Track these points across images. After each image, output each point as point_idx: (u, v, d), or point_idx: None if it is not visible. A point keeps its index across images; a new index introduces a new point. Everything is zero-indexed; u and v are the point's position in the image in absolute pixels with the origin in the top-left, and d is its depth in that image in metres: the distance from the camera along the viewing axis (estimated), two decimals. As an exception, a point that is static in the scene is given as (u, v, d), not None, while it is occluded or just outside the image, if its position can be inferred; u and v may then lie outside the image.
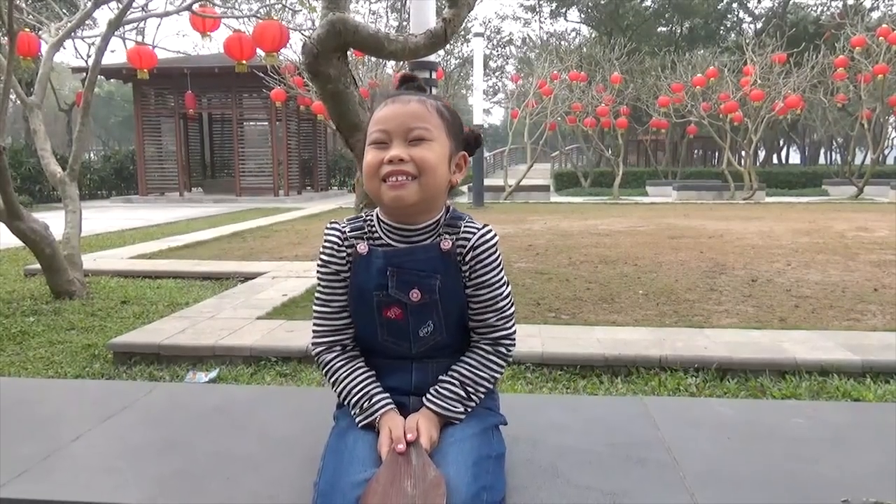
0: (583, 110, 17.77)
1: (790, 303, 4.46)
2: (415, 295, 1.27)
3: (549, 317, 4.07)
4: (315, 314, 1.37)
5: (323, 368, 1.37)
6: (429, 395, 1.30)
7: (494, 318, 1.32)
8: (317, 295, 1.37)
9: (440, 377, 1.32)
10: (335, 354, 1.35)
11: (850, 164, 20.07)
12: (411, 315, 1.29)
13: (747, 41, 17.08)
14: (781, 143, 34.83)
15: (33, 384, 2.42)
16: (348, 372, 1.33)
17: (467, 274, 1.30)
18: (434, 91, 3.73)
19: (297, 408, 1.77)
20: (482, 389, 1.32)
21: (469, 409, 1.30)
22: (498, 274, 1.32)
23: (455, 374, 1.31)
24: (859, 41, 14.74)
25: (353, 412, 1.31)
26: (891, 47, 14.58)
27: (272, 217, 11.64)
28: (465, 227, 1.31)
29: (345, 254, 1.33)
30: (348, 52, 2.25)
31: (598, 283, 5.17)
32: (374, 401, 1.29)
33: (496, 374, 1.33)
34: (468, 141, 1.35)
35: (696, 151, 32.56)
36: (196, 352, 3.31)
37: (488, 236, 1.31)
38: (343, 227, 1.35)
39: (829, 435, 1.47)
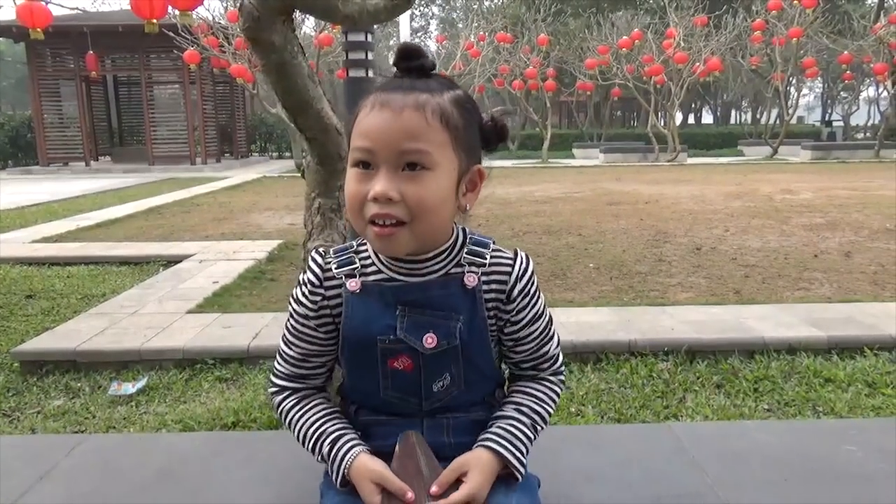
0: (510, 72, 17.57)
1: (739, 272, 4.44)
2: (429, 340, 0.99)
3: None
4: (278, 352, 1.11)
5: (277, 415, 1.11)
6: (492, 433, 1.03)
7: (553, 347, 1.10)
8: (283, 331, 1.09)
9: (499, 412, 1.07)
10: (285, 396, 1.09)
11: (766, 126, 20.82)
12: (424, 366, 1.01)
13: (669, 1, 17.20)
14: (697, 104, 35.84)
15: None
16: (300, 413, 1.07)
17: (510, 313, 1.04)
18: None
19: (265, 461, 1.42)
20: (541, 430, 1.08)
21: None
22: (542, 299, 1.08)
23: (524, 409, 1.06)
24: (776, 5, 15.10)
25: (324, 464, 1.04)
26: (805, 11, 15.00)
27: (191, 189, 10.92)
28: (492, 257, 1.03)
29: (320, 297, 1.03)
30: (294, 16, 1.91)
31: (546, 256, 5.02)
32: (338, 445, 1.02)
33: (552, 410, 1.11)
34: (487, 138, 1.04)
35: (615, 113, 33.03)
36: (119, 357, 2.92)
37: (528, 266, 1.05)
38: (327, 261, 1.05)
39: (889, 466, 1.31)
